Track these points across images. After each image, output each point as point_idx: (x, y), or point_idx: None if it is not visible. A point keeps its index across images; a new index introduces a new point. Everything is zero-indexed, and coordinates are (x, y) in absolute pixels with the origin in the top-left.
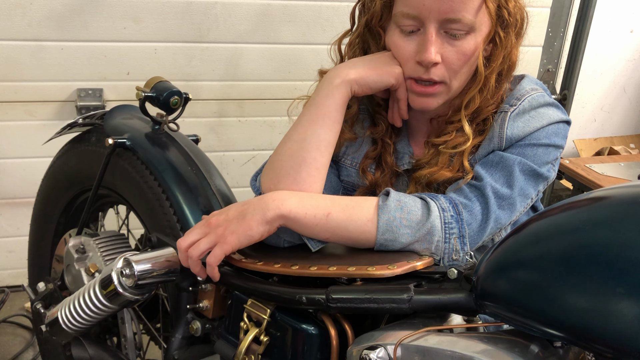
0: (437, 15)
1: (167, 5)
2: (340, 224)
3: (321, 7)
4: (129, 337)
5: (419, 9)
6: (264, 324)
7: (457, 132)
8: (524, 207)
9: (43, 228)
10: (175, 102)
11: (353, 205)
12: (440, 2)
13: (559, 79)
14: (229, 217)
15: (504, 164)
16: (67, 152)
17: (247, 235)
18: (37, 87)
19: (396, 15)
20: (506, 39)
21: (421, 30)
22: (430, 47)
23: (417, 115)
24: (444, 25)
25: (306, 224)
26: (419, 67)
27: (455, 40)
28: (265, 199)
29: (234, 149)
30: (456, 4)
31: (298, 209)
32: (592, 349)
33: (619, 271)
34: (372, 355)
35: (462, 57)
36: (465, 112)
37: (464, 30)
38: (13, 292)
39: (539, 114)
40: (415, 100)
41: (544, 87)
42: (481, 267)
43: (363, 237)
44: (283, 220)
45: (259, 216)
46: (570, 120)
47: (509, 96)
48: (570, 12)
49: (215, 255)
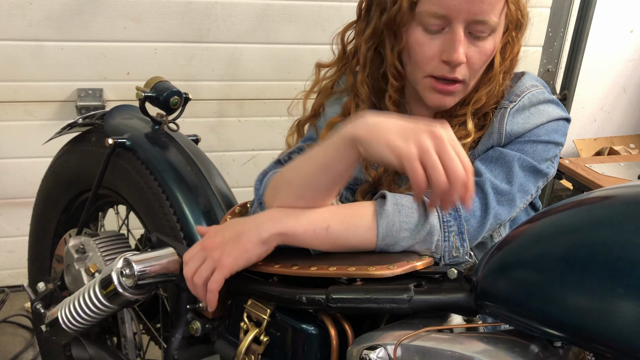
0: (466, 15)
1: (167, 5)
2: (340, 235)
3: (321, 7)
4: (129, 337)
5: (449, 9)
6: (264, 324)
7: (460, 127)
8: (524, 203)
9: (43, 228)
10: (175, 102)
11: (352, 215)
12: (472, 4)
13: (559, 79)
14: (225, 239)
15: (503, 160)
16: (67, 152)
17: (244, 257)
18: (37, 87)
19: (422, 14)
20: (518, 39)
21: (446, 29)
22: (459, 47)
23: (422, 112)
24: (470, 26)
25: (305, 239)
26: (444, 65)
27: (478, 41)
28: (261, 218)
29: (234, 149)
30: (486, 6)
31: (296, 225)
32: (592, 349)
33: (619, 271)
34: (372, 355)
35: (483, 57)
36: (472, 107)
37: (487, 32)
38: (13, 292)
39: (539, 111)
40: (433, 97)
41: (544, 84)
42: (481, 267)
43: (364, 245)
44: (281, 239)
45: (255, 237)
46: (570, 118)
47: (509, 92)
48: (570, 12)
49: (215, 280)
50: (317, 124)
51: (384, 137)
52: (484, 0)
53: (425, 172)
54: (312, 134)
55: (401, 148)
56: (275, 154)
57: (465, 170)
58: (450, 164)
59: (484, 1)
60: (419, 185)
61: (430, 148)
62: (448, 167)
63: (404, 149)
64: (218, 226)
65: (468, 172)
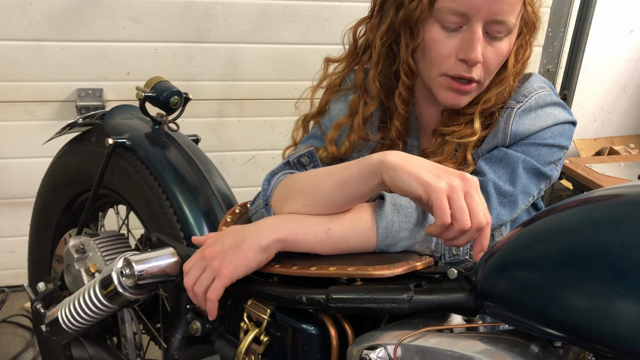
0: (485, 15)
1: (167, 5)
2: (341, 237)
3: (321, 7)
4: (129, 337)
5: (469, 7)
6: (264, 324)
7: (466, 125)
8: (526, 204)
9: (43, 228)
10: (175, 102)
11: (351, 217)
12: (492, 3)
13: (559, 79)
14: (224, 247)
15: (507, 161)
16: (67, 152)
17: (244, 265)
18: (37, 87)
19: (441, 11)
20: (530, 42)
21: (464, 27)
22: (478, 46)
23: (430, 110)
24: (488, 25)
25: (306, 243)
26: (460, 64)
27: (494, 41)
28: (261, 225)
29: (234, 149)
30: (506, 6)
31: (296, 231)
32: (592, 349)
33: (619, 271)
34: (372, 355)
35: (498, 57)
36: (480, 107)
37: (504, 32)
38: (13, 292)
39: (546, 113)
40: (447, 96)
41: (552, 86)
42: (481, 267)
43: (364, 247)
44: (281, 245)
45: (255, 244)
46: (576, 121)
47: (516, 92)
48: (570, 12)
49: (215, 289)
50: (322, 121)
51: (415, 170)
52: (505, 1)
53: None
54: (315, 131)
55: (432, 182)
56: (275, 154)
57: (485, 217)
58: (475, 207)
59: (504, 1)
60: (443, 220)
61: (459, 188)
62: (472, 210)
63: (434, 183)
64: (217, 234)
65: (487, 220)
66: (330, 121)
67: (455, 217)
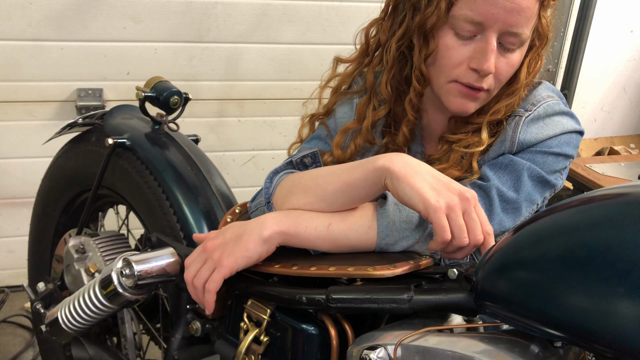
0: (501, 26)
1: (167, 5)
2: (341, 233)
3: (321, 7)
4: (129, 337)
5: (486, 17)
6: (264, 324)
7: (474, 134)
8: (529, 212)
9: (43, 228)
10: (175, 102)
11: (353, 214)
12: (509, 14)
13: (559, 79)
14: (225, 239)
15: (512, 168)
16: (67, 152)
17: (244, 256)
18: (37, 87)
19: (457, 18)
20: (541, 55)
21: (478, 37)
22: (491, 57)
23: (437, 117)
24: (502, 36)
25: (307, 237)
26: (471, 73)
27: (507, 52)
28: (263, 218)
29: (234, 149)
30: (522, 19)
31: (298, 223)
32: (592, 349)
33: (619, 271)
34: (372, 355)
35: (510, 69)
36: (489, 117)
37: (517, 44)
38: (13, 292)
39: (553, 122)
40: (456, 102)
41: (560, 95)
42: (481, 267)
43: (364, 244)
44: (282, 237)
45: (256, 236)
46: (583, 131)
47: (524, 101)
48: (570, 12)
49: (214, 280)
50: (327, 122)
51: (417, 183)
52: (522, 13)
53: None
54: (321, 132)
55: (432, 199)
56: (275, 153)
57: (484, 232)
58: (473, 225)
59: (521, 14)
60: (443, 237)
61: (457, 207)
62: (470, 228)
63: (434, 201)
64: (218, 230)
65: (487, 235)
66: (334, 123)
67: (453, 234)
